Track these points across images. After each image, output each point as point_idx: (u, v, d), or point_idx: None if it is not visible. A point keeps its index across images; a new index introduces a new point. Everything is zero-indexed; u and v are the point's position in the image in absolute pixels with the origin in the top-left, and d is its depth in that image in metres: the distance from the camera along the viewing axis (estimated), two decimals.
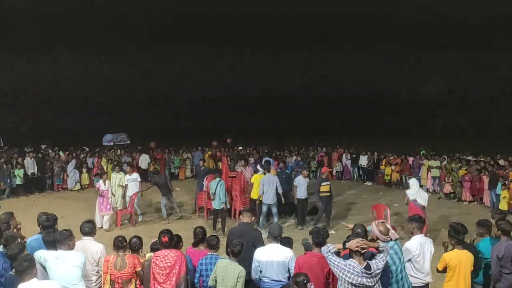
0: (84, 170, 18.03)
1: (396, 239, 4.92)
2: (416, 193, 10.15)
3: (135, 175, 12.60)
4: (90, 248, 5.48)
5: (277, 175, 11.83)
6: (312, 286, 4.53)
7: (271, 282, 5.22)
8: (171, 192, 12.82)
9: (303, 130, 37.94)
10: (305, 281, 4.44)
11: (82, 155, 19.79)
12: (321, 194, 11.52)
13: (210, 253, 5.40)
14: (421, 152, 18.96)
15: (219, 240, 5.62)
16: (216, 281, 4.99)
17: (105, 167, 18.65)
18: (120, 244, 5.35)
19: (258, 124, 45.34)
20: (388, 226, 4.89)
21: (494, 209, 8.57)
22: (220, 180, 11.10)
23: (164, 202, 12.56)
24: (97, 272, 5.47)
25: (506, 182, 12.81)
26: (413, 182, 10.66)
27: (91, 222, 5.80)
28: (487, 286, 5.83)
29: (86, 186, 17.93)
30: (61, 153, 19.55)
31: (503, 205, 12.36)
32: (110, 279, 5.18)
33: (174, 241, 5.42)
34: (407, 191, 10.56)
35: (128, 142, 29.72)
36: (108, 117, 43.13)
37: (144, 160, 19.24)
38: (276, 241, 5.46)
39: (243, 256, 5.22)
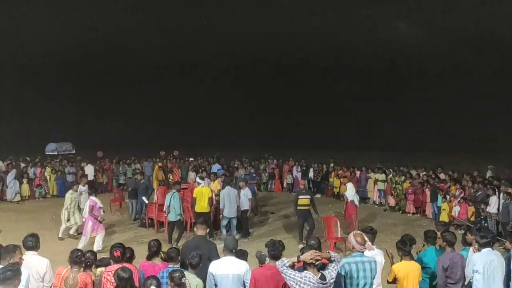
0: (25, 180, 17.10)
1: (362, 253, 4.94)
2: (353, 195, 12.25)
3: (86, 187, 12.22)
4: (34, 264, 5.21)
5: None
6: (187, 281, 4.56)
7: None
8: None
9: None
10: (180, 277, 4.52)
11: (22, 165, 18.80)
12: (298, 208, 11.30)
13: (171, 265, 5.27)
14: (330, 164, 20.00)
15: (179, 252, 5.52)
16: None
17: (48, 178, 17.88)
18: (77, 260, 5.10)
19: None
20: (365, 237, 4.96)
21: (437, 222, 9.01)
22: (174, 192, 10.99)
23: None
24: None
25: (447, 195, 13.51)
26: (350, 185, 12.74)
27: (35, 236, 5.53)
28: None
29: (27, 197, 17.02)
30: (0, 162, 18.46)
31: (444, 217, 12.97)
32: None
33: (127, 255, 5.25)
34: (346, 193, 12.46)
35: (74, 151, 28.55)
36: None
37: (90, 171, 18.55)
38: (231, 254, 5.42)
39: (199, 269, 5.15)
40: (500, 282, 5.59)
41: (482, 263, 5.47)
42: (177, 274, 4.53)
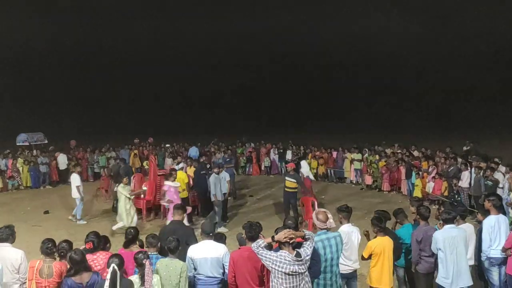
0: None
1: (329, 230, 5.08)
2: (308, 171, 13.36)
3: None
4: (9, 256, 5.14)
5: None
6: (147, 262, 4.69)
7: (206, 279, 5.20)
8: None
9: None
10: (142, 258, 4.72)
11: None
12: (285, 189, 11.34)
13: (150, 252, 5.23)
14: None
15: (158, 238, 5.50)
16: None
17: (21, 169, 17.43)
18: (48, 251, 4.99)
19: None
20: (328, 215, 5.07)
21: (412, 198, 9.19)
22: None
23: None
24: (18, 280, 5.10)
25: (420, 172, 13.80)
26: (303, 163, 13.88)
27: (8, 227, 5.43)
28: (409, 268, 6.27)
29: None
30: None
31: (417, 193, 13.27)
32: (36, 287, 4.83)
33: (102, 243, 5.20)
34: (301, 170, 13.18)
35: (46, 141, 27.73)
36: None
37: (62, 161, 18.14)
38: (209, 237, 5.42)
39: (177, 254, 5.13)
40: (463, 257, 5.62)
41: (443, 240, 5.55)
42: (140, 255, 4.73)
